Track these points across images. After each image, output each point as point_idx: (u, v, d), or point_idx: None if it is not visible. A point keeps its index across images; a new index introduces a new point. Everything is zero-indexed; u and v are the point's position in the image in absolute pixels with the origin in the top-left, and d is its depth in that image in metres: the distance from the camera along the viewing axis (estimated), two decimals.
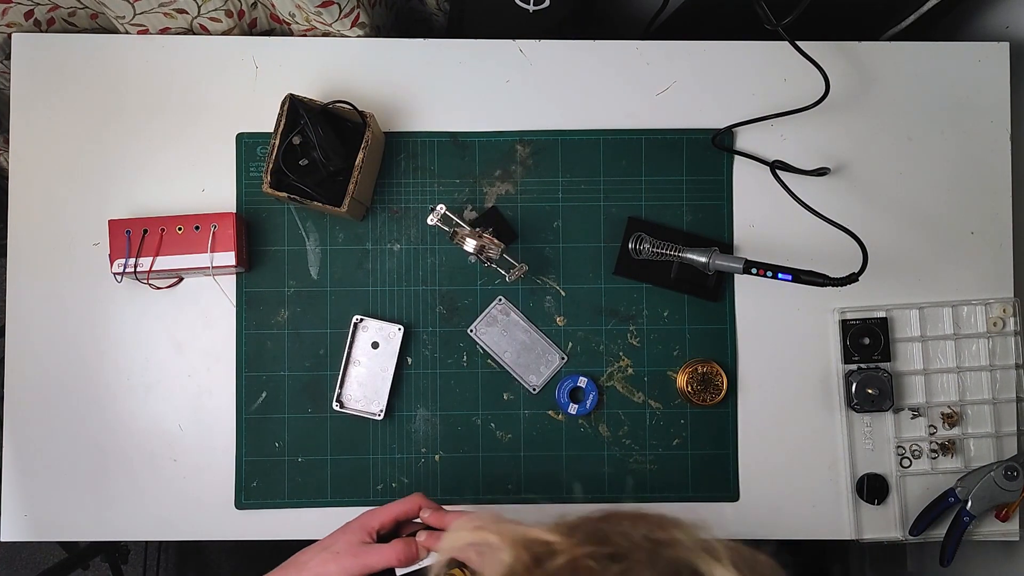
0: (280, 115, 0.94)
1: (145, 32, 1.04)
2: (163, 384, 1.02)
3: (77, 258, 1.02)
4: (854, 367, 1.03)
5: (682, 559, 0.32)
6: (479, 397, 1.03)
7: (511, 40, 1.05)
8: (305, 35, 1.07)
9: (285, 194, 0.94)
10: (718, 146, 1.05)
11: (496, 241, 0.94)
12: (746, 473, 1.03)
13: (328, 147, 0.94)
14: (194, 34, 1.06)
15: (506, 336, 1.03)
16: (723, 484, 1.03)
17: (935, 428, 1.04)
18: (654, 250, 0.99)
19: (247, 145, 1.03)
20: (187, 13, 1.02)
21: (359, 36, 1.06)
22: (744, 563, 0.33)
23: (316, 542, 0.79)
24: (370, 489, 1.02)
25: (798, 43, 0.99)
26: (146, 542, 1.70)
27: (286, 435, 1.02)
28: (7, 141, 1.05)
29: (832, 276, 0.90)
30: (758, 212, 1.05)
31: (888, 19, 1.10)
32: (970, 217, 1.05)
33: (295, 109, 0.95)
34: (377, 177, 1.04)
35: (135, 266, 0.97)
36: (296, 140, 0.95)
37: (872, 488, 1.02)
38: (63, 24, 1.06)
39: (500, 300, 1.03)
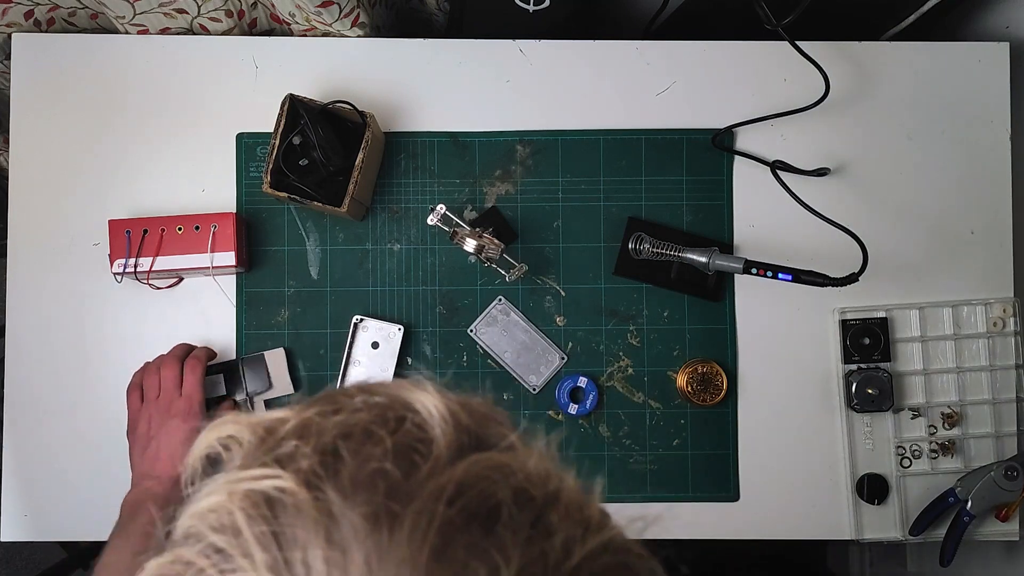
0: (280, 115, 0.94)
1: (145, 32, 1.04)
2: None
3: (77, 258, 1.02)
4: (854, 367, 1.03)
5: (393, 395, 0.37)
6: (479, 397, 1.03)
7: (511, 40, 1.05)
8: (305, 35, 1.07)
9: (285, 194, 0.94)
10: (718, 146, 1.05)
11: (496, 241, 0.94)
12: (746, 473, 1.03)
13: (328, 147, 0.94)
14: (194, 34, 1.06)
15: (506, 336, 1.03)
16: (723, 484, 1.03)
17: (935, 428, 1.04)
18: (654, 250, 0.99)
19: (247, 145, 1.03)
20: (187, 13, 1.02)
21: (359, 36, 1.06)
22: (451, 395, 0.37)
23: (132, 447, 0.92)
24: None
25: (798, 43, 0.99)
26: None
27: None
28: (7, 141, 1.05)
29: (832, 276, 0.90)
30: (758, 212, 1.05)
31: (888, 19, 1.10)
32: (970, 217, 1.05)
33: (295, 109, 0.95)
34: (377, 177, 1.04)
35: (135, 266, 0.97)
36: (296, 140, 0.95)
37: (872, 488, 1.02)
38: (63, 24, 1.06)
39: (500, 300, 1.03)
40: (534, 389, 1.03)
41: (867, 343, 1.03)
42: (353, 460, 0.32)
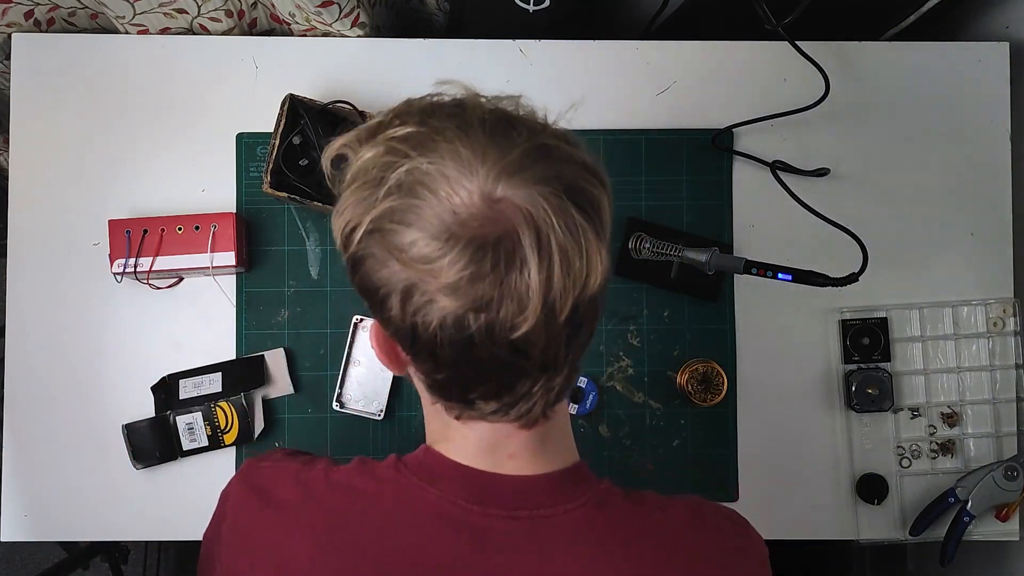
0: (280, 115, 0.94)
1: (145, 32, 1.04)
2: None
3: (77, 258, 1.02)
4: (854, 367, 1.03)
5: (439, 92, 0.57)
6: None
7: (511, 40, 1.05)
8: (305, 35, 1.07)
9: (285, 194, 0.94)
10: (718, 146, 1.05)
11: None
12: (746, 473, 1.03)
13: None
14: (194, 34, 1.06)
15: None
16: (723, 484, 1.03)
17: (935, 428, 1.04)
18: (654, 250, 0.99)
19: (247, 145, 1.03)
20: (187, 13, 1.02)
21: (359, 36, 1.06)
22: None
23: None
24: None
25: (798, 43, 0.99)
26: (146, 542, 1.69)
27: (286, 435, 1.02)
28: (7, 141, 1.05)
29: (832, 276, 0.90)
30: (758, 212, 1.05)
31: (888, 19, 1.10)
32: (970, 217, 1.05)
33: (295, 109, 0.95)
34: None
35: (135, 266, 0.97)
36: (296, 140, 0.95)
37: (872, 488, 1.02)
38: (63, 24, 1.06)
39: None
40: None
41: (867, 343, 1.03)
42: (436, 115, 0.53)
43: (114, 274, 0.98)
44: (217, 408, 0.99)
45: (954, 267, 1.05)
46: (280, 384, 1.01)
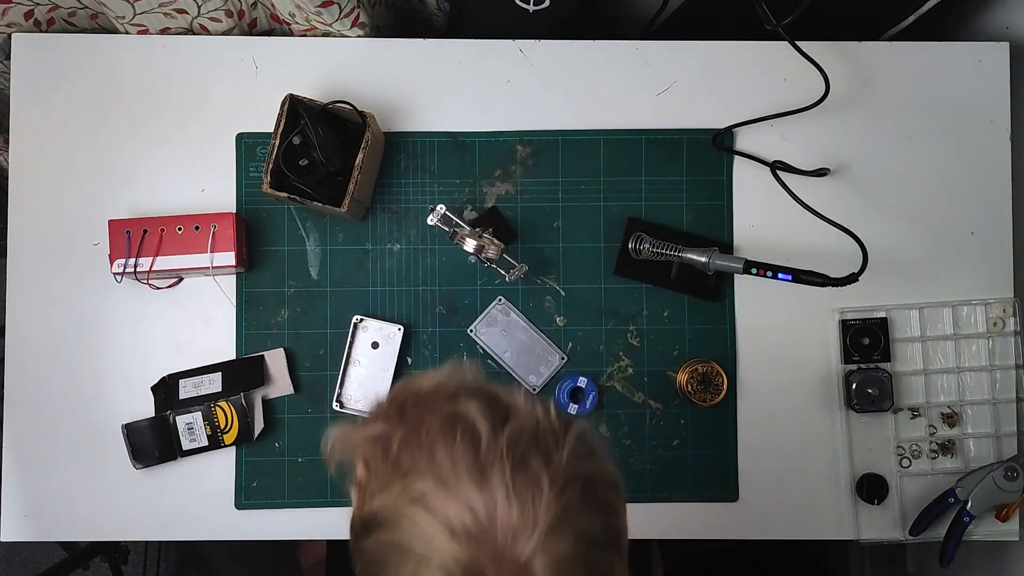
0: (280, 115, 0.94)
1: (145, 32, 1.04)
2: None
3: (77, 258, 1.02)
4: (854, 367, 1.03)
5: (449, 408, 0.54)
6: None
7: (511, 40, 1.05)
8: (305, 35, 1.07)
9: (285, 194, 0.94)
10: (718, 146, 1.05)
11: (496, 241, 0.94)
12: (746, 473, 1.03)
13: (328, 147, 0.94)
14: (194, 34, 1.06)
15: (506, 336, 1.03)
16: (723, 484, 1.03)
17: (935, 428, 1.04)
18: (654, 250, 0.99)
19: (247, 145, 1.03)
20: (187, 13, 1.02)
21: (359, 36, 1.06)
22: (480, 391, 0.56)
23: None
24: None
25: (798, 43, 0.99)
26: (146, 542, 1.70)
27: (286, 435, 1.02)
28: (7, 141, 1.05)
29: (832, 276, 0.90)
30: (758, 212, 1.05)
31: (888, 19, 1.10)
32: (970, 217, 1.05)
33: (295, 109, 0.95)
34: (377, 177, 1.04)
35: (135, 266, 0.97)
36: (296, 140, 0.95)
37: (872, 488, 1.02)
38: (63, 24, 1.06)
39: (500, 300, 1.03)
40: (534, 389, 1.03)
41: (867, 343, 1.03)
42: (450, 460, 0.52)
43: (114, 274, 0.98)
44: (217, 408, 0.99)
45: (954, 267, 1.05)
46: (280, 384, 1.01)
